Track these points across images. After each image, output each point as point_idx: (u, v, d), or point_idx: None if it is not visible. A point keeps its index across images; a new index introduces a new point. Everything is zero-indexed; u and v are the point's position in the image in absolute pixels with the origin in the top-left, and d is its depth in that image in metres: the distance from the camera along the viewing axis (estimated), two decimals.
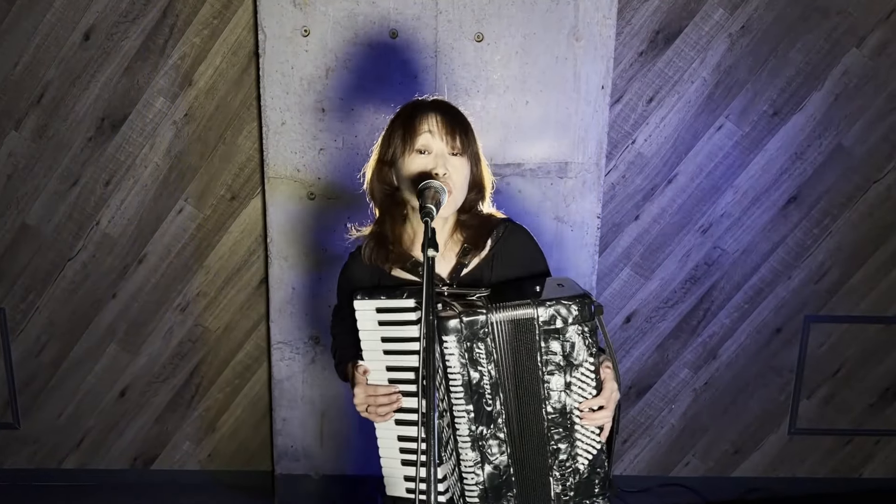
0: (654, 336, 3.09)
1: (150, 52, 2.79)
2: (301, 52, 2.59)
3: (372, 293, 1.52)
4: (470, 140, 1.59)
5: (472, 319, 1.39)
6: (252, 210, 2.94)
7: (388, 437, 1.56)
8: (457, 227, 1.64)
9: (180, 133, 2.86)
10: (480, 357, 1.40)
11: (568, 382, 1.43)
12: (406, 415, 1.54)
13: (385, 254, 1.61)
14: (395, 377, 1.53)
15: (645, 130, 2.89)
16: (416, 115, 1.57)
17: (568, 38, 2.57)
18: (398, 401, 1.52)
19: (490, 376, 1.41)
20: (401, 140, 1.56)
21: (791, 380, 3.13)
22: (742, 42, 2.81)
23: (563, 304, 1.39)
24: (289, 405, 2.91)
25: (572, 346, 1.41)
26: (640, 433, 3.21)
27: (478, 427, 1.42)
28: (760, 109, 2.87)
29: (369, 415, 1.54)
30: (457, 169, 1.54)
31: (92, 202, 2.92)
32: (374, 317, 1.51)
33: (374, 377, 1.54)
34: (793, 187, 2.94)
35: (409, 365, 1.51)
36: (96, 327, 3.04)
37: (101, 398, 3.13)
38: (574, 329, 1.40)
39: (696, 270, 3.02)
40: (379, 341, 1.52)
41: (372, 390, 1.53)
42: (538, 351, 1.41)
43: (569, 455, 1.47)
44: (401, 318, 1.49)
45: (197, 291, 3.01)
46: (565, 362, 1.42)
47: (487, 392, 1.41)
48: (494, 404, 1.42)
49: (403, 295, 1.49)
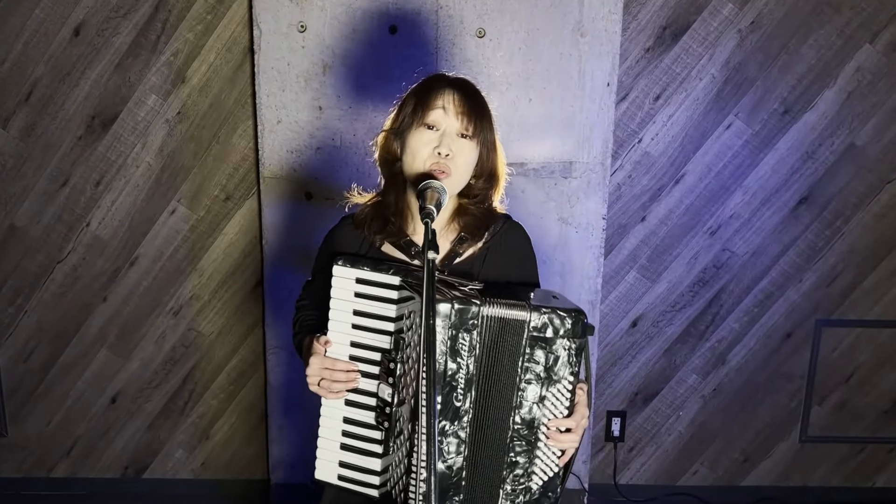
0: (662, 341, 3.09)
1: (141, 49, 2.78)
2: (297, 48, 2.59)
3: (355, 261, 1.50)
4: (485, 125, 1.56)
5: (464, 308, 1.37)
6: (247, 211, 2.93)
7: (333, 417, 1.52)
8: (457, 214, 1.62)
9: (173, 132, 2.86)
10: (462, 349, 1.38)
11: (543, 396, 1.41)
12: (359, 397, 1.50)
13: (382, 224, 1.60)
14: (357, 354, 1.50)
15: (652, 129, 2.89)
16: (433, 88, 1.55)
17: (572, 34, 2.57)
18: (355, 380, 1.49)
19: (467, 370, 1.38)
20: (412, 111, 1.55)
21: (802, 386, 3.13)
22: (752, 38, 2.80)
23: (557, 315, 1.39)
24: (285, 412, 2.91)
25: (556, 359, 1.40)
26: (646, 441, 3.20)
27: (440, 421, 1.40)
28: (771, 107, 2.86)
29: (320, 389, 1.49)
30: (462, 152, 1.53)
31: (82, 203, 2.91)
32: (352, 287, 1.49)
33: (334, 351, 1.51)
34: (804, 188, 2.93)
35: (376, 345, 1.48)
36: (86, 332, 3.04)
37: (91, 405, 3.12)
38: (562, 343, 1.39)
39: (705, 273, 3.02)
40: (350, 313, 1.49)
41: (330, 363, 1.49)
42: (521, 356, 1.40)
43: (525, 471, 1.45)
44: (380, 294, 1.47)
45: (190, 295, 3.01)
46: (545, 374, 1.40)
47: (460, 386, 1.39)
48: (464, 401, 1.39)
49: (389, 271, 1.47)
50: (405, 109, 1.57)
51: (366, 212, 1.64)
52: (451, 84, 1.56)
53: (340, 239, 1.66)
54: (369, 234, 1.61)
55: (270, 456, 2.96)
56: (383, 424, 1.47)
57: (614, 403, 3.15)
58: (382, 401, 1.47)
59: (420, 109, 1.53)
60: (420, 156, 1.52)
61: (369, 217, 1.62)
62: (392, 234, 1.60)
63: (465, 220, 1.61)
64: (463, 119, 1.52)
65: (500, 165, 1.64)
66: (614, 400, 3.14)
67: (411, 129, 1.54)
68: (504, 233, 1.65)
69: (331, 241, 1.69)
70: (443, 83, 1.56)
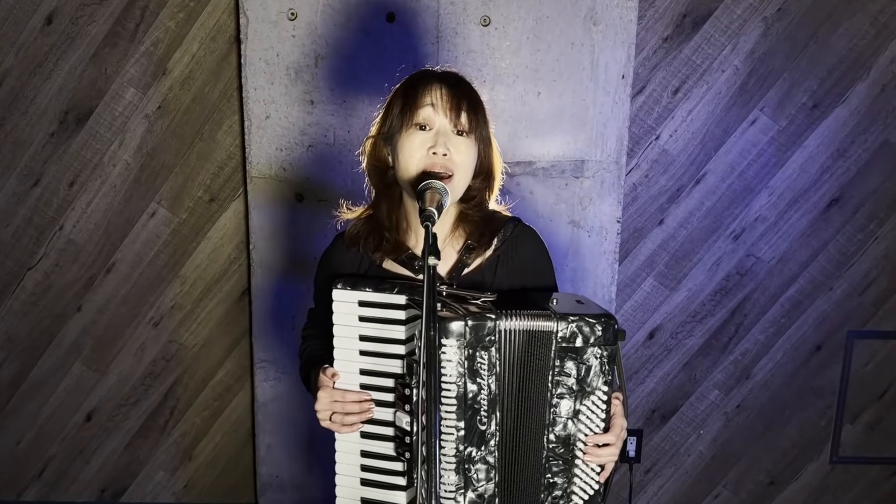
0: (681, 354, 3.09)
1: (119, 38, 2.78)
2: (287, 37, 2.59)
3: (356, 283, 1.49)
4: (479, 119, 1.56)
5: (479, 324, 1.37)
6: (233, 213, 2.93)
7: (350, 452, 1.52)
8: (460, 221, 1.62)
9: (153, 128, 2.86)
10: (482, 368, 1.38)
11: (577, 410, 1.43)
12: (375, 427, 1.50)
13: (378, 241, 1.60)
14: (368, 383, 1.50)
15: (670, 125, 2.89)
16: (420, 85, 1.54)
17: (585, 22, 2.58)
18: (369, 410, 1.49)
19: (489, 391, 1.39)
20: (399, 112, 1.54)
21: (833, 402, 3.13)
22: (778, 26, 2.80)
23: (586, 322, 1.39)
24: (274, 430, 2.92)
25: (588, 369, 1.41)
26: (665, 462, 3.20)
27: (466, 447, 1.40)
28: (799, 101, 2.86)
29: (332, 424, 1.50)
30: (460, 150, 1.52)
31: (55, 205, 2.91)
32: (354, 311, 1.48)
33: (343, 381, 1.51)
34: (835, 188, 2.93)
35: (388, 371, 1.48)
36: (59, 344, 3.04)
37: (64, 423, 3.12)
38: (593, 351, 1.40)
39: (728, 281, 3.02)
40: (356, 339, 1.49)
41: (339, 395, 1.49)
42: (551, 370, 1.41)
43: (564, 492, 1.45)
44: (386, 316, 1.47)
45: (171, 304, 3.01)
46: (578, 387, 1.42)
47: (483, 409, 1.39)
48: (489, 424, 1.40)
49: (393, 290, 1.46)
50: (392, 111, 1.56)
51: (359, 227, 1.63)
52: (439, 78, 1.56)
53: (337, 259, 1.66)
54: (366, 253, 1.61)
55: (258, 478, 2.96)
56: (404, 455, 1.47)
57: (630, 422, 3.03)
58: (401, 430, 1.46)
59: (408, 109, 1.52)
60: (414, 159, 1.51)
61: (363, 233, 1.62)
62: (391, 250, 1.60)
63: (470, 227, 1.61)
64: (454, 114, 1.51)
65: (497, 162, 1.64)
66: (630, 418, 3.03)
67: (401, 131, 1.53)
68: (515, 238, 1.64)
69: (327, 263, 1.69)
70: (429, 78, 1.56)
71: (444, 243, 1.60)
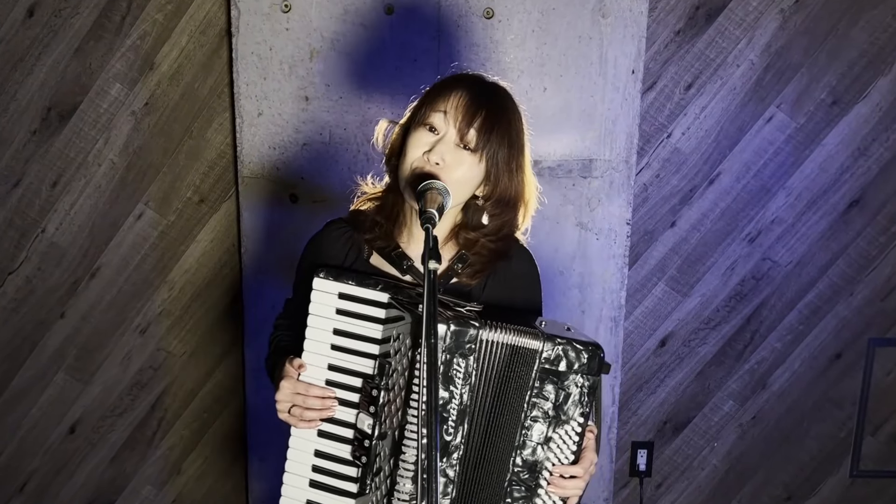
0: (694, 362, 3.08)
1: (104, 31, 2.77)
2: (281, 30, 2.59)
3: (339, 274, 1.51)
4: (494, 140, 1.52)
5: (461, 329, 1.37)
6: (224, 215, 2.93)
7: (303, 450, 1.53)
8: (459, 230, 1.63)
9: (140, 125, 2.85)
10: (457, 375, 1.39)
11: (549, 437, 1.44)
12: (335, 427, 1.50)
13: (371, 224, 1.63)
14: (335, 379, 1.51)
15: (682, 122, 2.89)
16: (445, 87, 1.56)
17: (593, 15, 2.57)
18: (331, 408, 1.50)
19: (460, 401, 1.40)
20: (417, 106, 1.58)
21: (853, 413, 3.12)
22: (796, 19, 2.79)
23: (573, 347, 1.41)
24: (267, 443, 2.91)
25: (567, 397, 1.43)
26: (676, 476, 3.19)
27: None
28: (817, 98, 2.85)
29: (290, 417, 1.51)
30: (459, 166, 1.51)
31: (36, 206, 2.90)
32: (333, 302, 1.50)
33: (309, 375, 1.52)
34: (855, 188, 2.92)
35: (357, 370, 1.49)
36: (41, 352, 3.03)
37: (47, 435, 3.11)
38: (575, 379, 1.42)
39: (743, 286, 3.01)
40: (329, 332, 1.51)
41: (303, 388, 1.50)
42: (529, 389, 1.42)
43: None
44: (365, 312, 1.49)
45: (159, 310, 3.01)
46: (554, 413, 1.43)
47: (452, 418, 1.40)
48: (455, 435, 1.41)
49: (377, 286, 1.49)
50: (416, 105, 1.60)
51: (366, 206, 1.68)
52: (467, 85, 1.54)
53: (324, 248, 1.68)
54: (358, 234, 1.64)
55: (250, 493, 2.98)
56: (360, 459, 1.48)
57: (640, 433, 3.14)
58: (361, 432, 1.47)
59: (425, 108, 1.55)
60: (410, 157, 1.53)
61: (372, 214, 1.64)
62: (381, 238, 1.62)
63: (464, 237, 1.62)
64: (464, 124, 1.50)
65: (529, 190, 1.62)
66: (640, 429, 3.14)
67: (413, 126, 1.56)
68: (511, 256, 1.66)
69: (313, 250, 1.70)
70: (455, 83, 1.56)
71: None
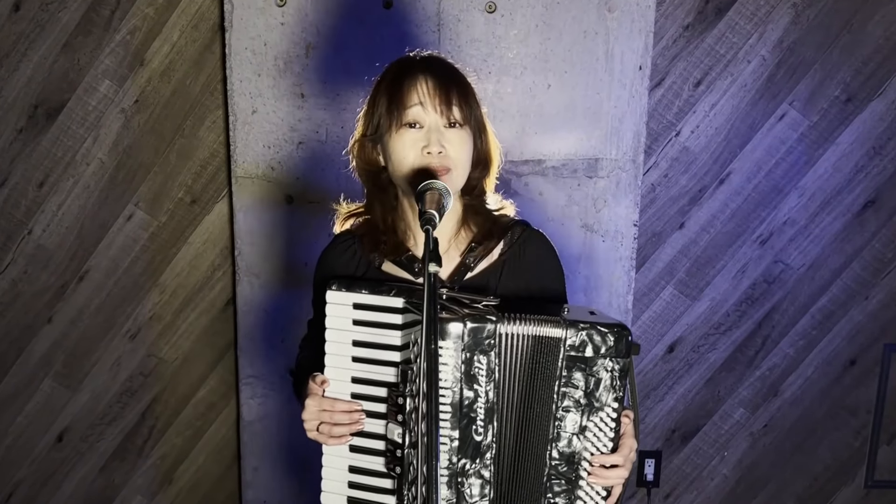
0: (703, 368, 3.09)
1: (93, 26, 2.77)
2: (276, 25, 2.58)
3: (351, 285, 1.53)
4: (471, 106, 1.58)
5: (479, 326, 1.39)
6: (216, 216, 2.93)
7: (337, 467, 1.54)
8: (464, 221, 1.66)
9: (130, 123, 2.85)
10: (479, 373, 1.40)
11: (584, 426, 1.44)
12: (366, 441, 1.52)
13: (374, 243, 1.64)
14: (360, 391, 1.52)
15: (691, 120, 2.89)
16: (403, 80, 1.56)
17: (599, 9, 2.57)
18: (359, 421, 1.51)
19: (486, 399, 1.41)
20: (386, 112, 1.56)
21: (868, 422, 3.13)
22: (809, 13, 2.80)
23: (598, 331, 1.41)
24: (261, 452, 2.91)
25: (597, 382, 1.42)
26: (685, 486, 3.19)
27: (460, 459, 1.42)
28: (831, 95, 2.86)
29: (320, 435, 1.52)
30: (455, 144, 1.54)
31: (23, 207, 2.90)
32: (349, 313, 1.51)
33: (334, 390, 1.53)
34: (870, 189, 2.93)
35: (382, 379, 1.50)
36: (28, 358, 3.02)
37: (34, 444, 3.11)
38: (604, 363, 1.42)
39: (754, 289, 3.01)
40: (349, 345, 1.52)
41: (328, 404, 1.52)
42: (557, 379, 1.42)
43: None
44: (382, 320, 1.50)
45: (150, 315, 3.01)
46: (586, 400, 1.43)
47: (480, 418, 1.41)
48: (485, 434, 1.42)
49: (391, 292, 1.50)
50: (377, 109, 1.59)
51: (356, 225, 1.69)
52: (421, 68, 1.57)
53: (333, 261, 1.69)
54: (363, 253, 1.65)
55: (244, 503, 2.96)
56: (395, 470, 1.48)
57: (648, 442, 3.14)
58: (392, 443, 1.48)
59: (395, 108, 1.54)
60: (408, 160, 1.53)
61: (360, 231, 1.67)
62: (389, 251, 1.63)
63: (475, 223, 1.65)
64: (445, 108, 1.53)
65: (493, 147, 1.66)
66: (648, 438, 3.14)
67: (390, 132, 1.55)
68: (523, 242, 1.67)
69: (324, 266, 1.71)
70: (413, 70, 1.57)
71: (447, 245, 1.63)
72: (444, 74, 1.56)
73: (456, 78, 1.58)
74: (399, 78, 1.56)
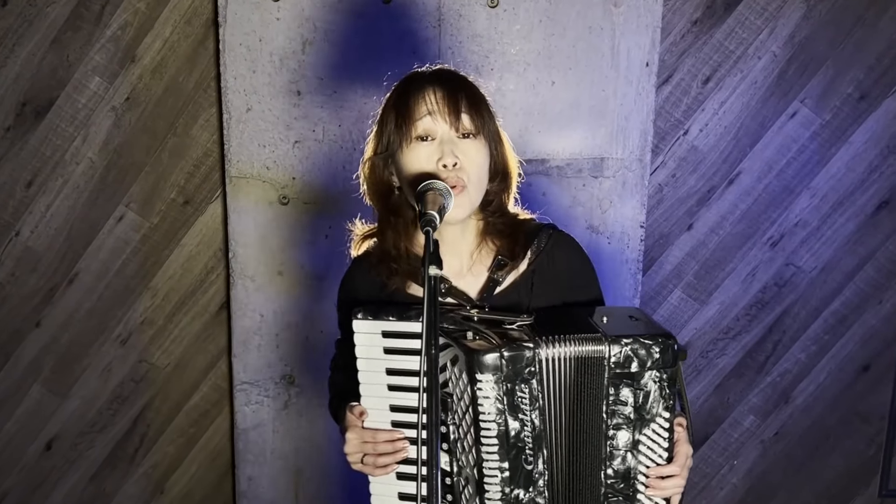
0: (712, 374, 3.08)
1: (83, 21, 2.77)
2: (271, 20, 2.59)
3: (378, 312, 1.53)
4: (484, 116, 1.58)
5: (516, 354, 1.38)
6: (210, 218, 2.93)
7: (387, 496, 1.56)
8: (485, 235, 1.66)
9: (120, 122, 2.85)
10: (523, 402, 1.40)
11: (636, 441, 1.44)
12: (412, 468, 1.53)
13: (387, 270, 1.64)
14: (401, 420, 1.53)
15: (700, 118, 2.89)
16: (410, 92, 1.57)
17: (604, 4, 2.58)
18: (403, 449, 1.53)
19: (532, 427, 1.42)
20: (395, 127, 1.56)
21: (883, 429, 3.12)
22: (821, 8, 2.80)
23: (641, 344, 1.40)
24: (256, 460, 2.91)
25: (646, 396, 1.42)
26: (694, 495, 3.19)
27: (513, 490, 1.41)
28: (844, 92, 2.86)
29: (365, 467, 1.54)
30: (469, 156, 1.54)
31: (10, 208, 2.90)
32: (378, 342, 1.53)
33: (373, 419, 1.55)
34: (885, 189, 2.93)
35: None
36: (16, 364, 3.02)
37: (22, 452, 3.10)
38: (651, 375, 1.41)
39: (764, 293, 3.01)
40: (383, 373, 1.53)
41: (370, 436, 1.54)
42: (604, 399, 1.42)
43: None
44: (414, 347, 1.50)
45: (141, 319, 3.01)
46: (636, 415, 1.43)
47: (528, 447, 1.42)
48: (536, 462, 1.43)
49: (419, 317, 1.48)
50: (386, 127, 1.59)
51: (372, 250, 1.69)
52: (431, 80, 1.58)
53: (356, 285, 1.71)
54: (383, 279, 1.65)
55: None
56: (446, 498, 1.51)
57: None
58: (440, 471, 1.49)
59: (404, 122, 1.54)
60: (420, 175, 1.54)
61: (376, 257, 1.66)
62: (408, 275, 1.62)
63: (497, 238, 1.64)
64: (453, 118, 1.53)
65: (510, 158, 1.67)
66: None
67: (402, 148, 1.55)
68: (552, 249, 1.66)
69: (347, 289, 1.74)
70: (420, 81, 1.58)
71: (470, 261, 1.64)
72: (453, 84, 1.57)
73: (466, 87, 1.58)
74: (407, 92, 1.56)
